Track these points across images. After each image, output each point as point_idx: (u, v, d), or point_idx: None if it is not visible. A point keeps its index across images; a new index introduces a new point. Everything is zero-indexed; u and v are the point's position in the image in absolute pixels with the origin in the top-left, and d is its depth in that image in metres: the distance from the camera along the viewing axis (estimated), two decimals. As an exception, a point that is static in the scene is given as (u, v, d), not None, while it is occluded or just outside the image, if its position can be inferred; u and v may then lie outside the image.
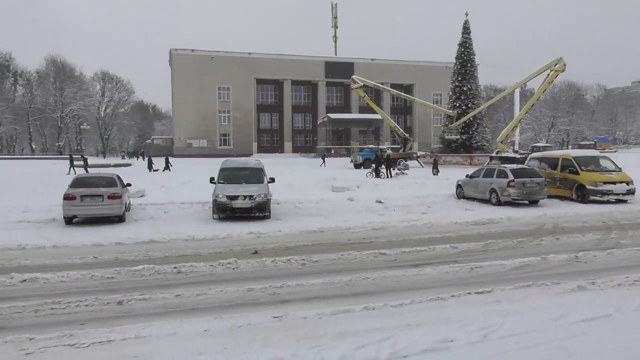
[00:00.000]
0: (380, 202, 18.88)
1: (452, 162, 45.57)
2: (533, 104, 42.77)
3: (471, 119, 49.79)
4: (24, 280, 8.22)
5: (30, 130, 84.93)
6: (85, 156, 39.67)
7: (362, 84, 46.53)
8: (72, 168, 35.13)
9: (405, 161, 37.88)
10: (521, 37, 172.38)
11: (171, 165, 39.03)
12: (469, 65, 51.60)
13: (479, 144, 50.70)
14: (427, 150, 62.25)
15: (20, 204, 16.91)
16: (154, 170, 36.34)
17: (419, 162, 44.77)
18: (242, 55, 76.90)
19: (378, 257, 10.17)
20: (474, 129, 50.76)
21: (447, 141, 51.45)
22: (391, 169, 30.53)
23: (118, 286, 8.01)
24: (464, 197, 20.53)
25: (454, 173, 30.85)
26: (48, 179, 28.85)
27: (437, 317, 6.32)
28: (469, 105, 50.52)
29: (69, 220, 14.71)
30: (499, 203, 18.59)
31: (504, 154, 39.19)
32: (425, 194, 20.95)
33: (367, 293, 7.55)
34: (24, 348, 5.42)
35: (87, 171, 34.18)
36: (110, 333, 5.83)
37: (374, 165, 31.16)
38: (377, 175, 29.85)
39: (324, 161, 47.34)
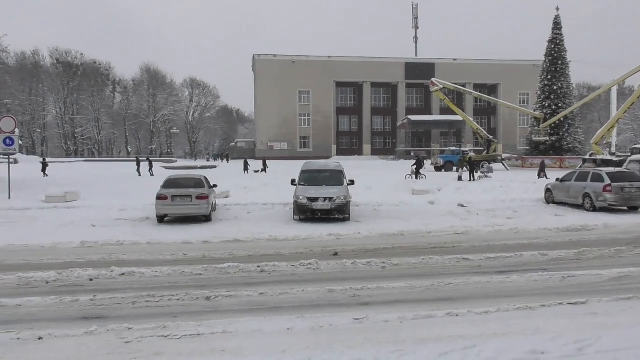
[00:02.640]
0: (462, 205, 18.34)
1: (540, 165, 43.24)
2: (633, 103, 39.61)
3: (562, 119, 47.09)
4: (123, 274, 8.84)
5: (127, 134, 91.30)
6: (150, 159, 41.86)
7: (441, 86, 45.44)
8: (139, 170, 37.25)
9: (489, 164, 36.49)
10: (620, 31, 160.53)
11: (268, 167, 40.18)
12: (559, 62, 48.88)
13: (570, 145, 47.84)
14: (513, 153, 59.54)
15: (118, 203, 18.22)
16: (255, 172, 37.64)
17: (504, 164, 42.95)
18: (322, 58, 77.86)
19: (461, 262, 9.88)
20: (564, 129, 47.99)
21: (534, 143, 49.02)
22: (474, 172, 29.54)
23: (206, 282, 8.39)
24: (554, 202, 19.42)
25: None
26: (140, 180, 30.82)
27: (526, 327, 6.03)
28: (560, 105, 47.82)
29: (161, 219, 15.64)
30: (594, 209, 17.40)
31: (598, 157, 36.67)
32: (510, 198, 20.07)
33: (449, 299, 7.36)
34: (123, 337, 5.83)
35: (152, 173, 36.33)
36: (200, 327, 6.12)
37: (413, 168, 31.48)
38: (417, 175, 30.15)
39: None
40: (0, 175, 27.15)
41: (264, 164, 40.47)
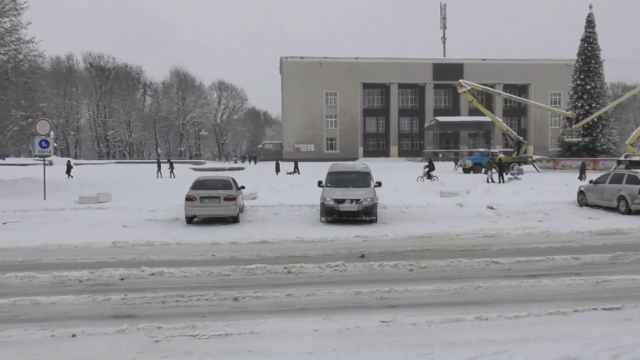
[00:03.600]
0: (491, 208, 18.06)
1: (573, 166, 42.22)
2: (670, 102, 38.34)
3: (595, 119, 45.89)
4: (153, 274, 9.00)
5: (157, 136, 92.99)
6: (171, 160, 42.40)
7: (469, 88, 44.82)
8: (159, 172, 37.79)
9: (519, 165, 35.81)
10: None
11: (298, 169, 40.26)
12: (593, 61, 47.69)
13: (604, 147, 46.58)
14: (544, 154, 58.32)
15: (148, 204, 18.57)
16: (288, 173, 37.90)
17: (534, 166, 42.12)
18: (349, 60, 77.77)
19: (490, 265, 9.72)
20: (598, 130, 46.77)
21: (566, 144, 47.91)
22: (504, 173, 29.04)
23: (233, 283, 8.47)
24: (587, 205, 18.94)
25: (575, 178, 28.64)
26: (169, 181, 31.35)
27: (558, 333, 5.89)
28: (593, 105, 46.64)
29: (190, 220, 15.86)
30: (629, 212, 16.90)
31: (634, 158, 35.60)
32: (541, 200, 19.66)
33: (479, 303, 7.25)
34: (153, 335, 5.93)
35: (172, 174, 36.79)
36: (228, 327, 6.17)
37: (425, 170, 31.19)
38: (429, 177, 29.98)
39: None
40: (36, 176, 27.98)
41: (296, 166, 40.55)
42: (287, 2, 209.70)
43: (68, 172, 35.49)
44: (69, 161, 39.18)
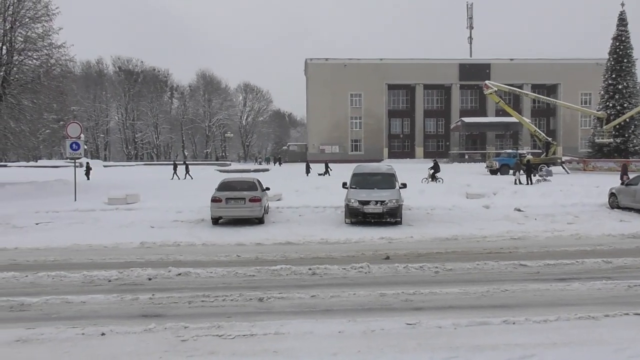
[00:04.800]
0: (519, 210, 17.74)
1: (604, 168, 41.19)
2: None
3: (627, 120, 44.68)
4: (179, 274, 9.13)
5: (183, 138, 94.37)
6: (187, 162, 42.82)
7: (495, 89, 44.13)
8: (175, 174, 38.24)
9: (548, 167, 35.10)
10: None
11: (330, 170, 40.22)
12: (625, 60, 46.46)
13: (636, 148, 45.34)
14: (574, 155, 57.04)
15: (175, 206, 18.83)
16: (318, 174, 38.00)
17: (564, 168, 41.23)
18: (373, 61, 77.57)
19: (518, 268, 9.55)
20: (630, 131, 45.54)
21: (597, 145, 46.76)
22: (532, 175, 28.52)
23: (258, 284, 8.52)
24: (619, 207, 18.42)
25: (606, 180, 27.90)
26: (196, 182, 31.74)
27: (588, 338, 5.76)
28: (625, 105, 45.43)
29: (216, 221, 16.03)
30: (663, 214, 16.39)
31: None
32: (571, 202, 19.20)
33: (506, 306, 7.13)
34: (180, 335, 6.02)
35: (189, 176, 37.10)
36: (253, 327, 6.22)
37: (430, 172, 30.77)
38: (434, 179, 29.54)
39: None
40: (67, 178, 28.70)
41: (327, 167, 40.53)
42: (312, 4, 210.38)
43: (87, 174, 36.24)
44: (87, 163, 39.95)
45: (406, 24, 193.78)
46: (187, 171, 38.59)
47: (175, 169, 39.07)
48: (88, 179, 34.65)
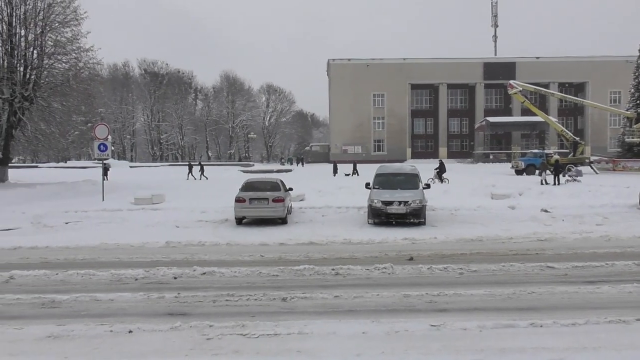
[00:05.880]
0: (546, 211, 17.44)
1: (634, 168, 40.15)
2: None
3: (659, 118, 43.48)
4: (204, 273, 9.23)
5: (207, 139, 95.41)
6: (202, 163, 43.03)
7: (520, 89, 43.37)
8: (190, 174, 38.54)
9: (577, 167, 34.38)
10: None
11: (357, 171, 40.07)
12: (656, 57, 45.18)
13: (668, 146, 44.04)
14: (603, 155, 55.71)
15: (199, 206, 19.07)
16: (345, 175, 38.02)
17: (592, 168, 40.32)
18: (396, 61, 77.10)
19: (545, 270, 9.38)
20: (662, 130, 44.25)
21: (627, 145, 45.57)
22: (559, 175, 27.96)
23: (282, 284, 8.56)
24: (650, 208, 17.94)
25: (637, 180, 27.23)
26: (220, 183, 32.05)
27: (619, 342, 5.62)
28: (656, 103, 44.18)
29: (239, 221, 16.17)
30: (697, 216, 15.90)
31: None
32: (600, 203, 18.77)
33: (532, 308, 7.01)
34: (205, 333, 6.09)
35: (204, 177, 37.36)
36: (276, 327, 6.25)
37: (436, 172, 30.74)
38: (440, 179, 29.40)
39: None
40: (95, 178, 29.29)
41: (355, 167, 40.41)
42: (335, 4, 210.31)
43: (105, 174, 36.87)
44: (105, 164, 40.58)
45: (430, 23, 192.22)
46: (202, 172, 38.88)
47: (190, 169, 39.49)
48: (105, 178, 35.19)
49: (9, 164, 31.51)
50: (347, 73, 76.65)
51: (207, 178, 37.57)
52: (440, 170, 30.99)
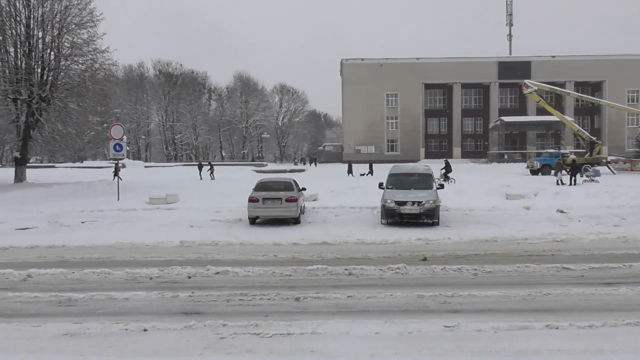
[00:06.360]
0: (562, 211, 17.23)
1: (652, 168, 39.47)
2: None
3: (678, 117, 42.71)
4: (218, 273, 9.28)
5: (221, 139, 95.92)
6: (212, 163, 43.14)
7: (535, 88, 42.87)
8: (200, 174, 38.68)
9: (594, 166, 33.91)
10: None
11: (372, 171, 39.93)
12: (675, 55, 44.37)
13: (687, 146, 43.26)
14: (620, 155, 54.89)
15: (213, 205, 19.17)
16: (360, 175, 38.00)
17: (609, 168, 39.73)
18: (410, 60, 76.74)
19: (561, 271, 9.27)
20: (681, 129, 43.49)
21: (645, 144, 44.85)
22: (576, 175, 27.59)
23: (295, 283, 8.57)
24: (669, 209, 17.62)
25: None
26: (233, 183, 32.18)
27: (638, 345, 5.54)
28: (675, 102, 43.40)
29: (253, 221, 16.22)
30: None
31: None
32: (617, 203, 18.48)
33: (548, 310, 6.93)
34: (218, 332, 6.13)
35: (211, 176, 37.46)
36: (290, 327, 6.27)
37: (442, 172, 30.21)
38: (446, 179, 28.99)
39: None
40: (111, 178, 29.60)
41: (370, 167, 40.31)
42: (348, 4, 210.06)
43: (116, 174, 37.17)
44: (116, 164, 40.90)
45: (444, 23, 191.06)
46: (211, 171, 39.02)
47: (200, 169, 39.64)
48: (119, 178, 35.37)
49: (27, 164, 31.99)
50: (361, 73, 76.46)
51: (212, 178, 37.69)
52: (446, 169, 30.76)
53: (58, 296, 7.80)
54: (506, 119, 67.27)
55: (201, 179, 37.49)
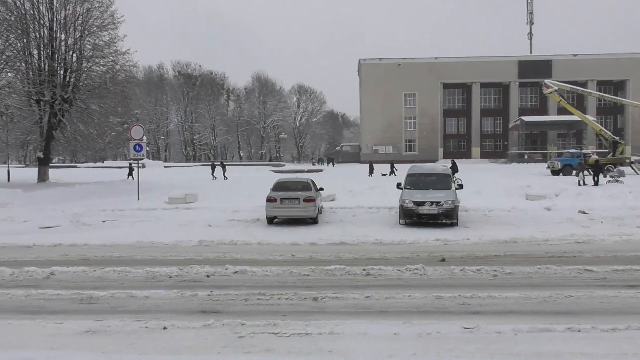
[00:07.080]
0: (584, 212, 16.95)
1: (678, 168, 38.55)
2: None
3: None
4: (236, 272, 9.33)
5: (239, 140, 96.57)
6: (224, 163, 43.37)
7: (556, 88, 42.20)
8: (213, 174, 38.88)
9: (618, 167, 33.26)
10: None
11: (396, 170, 39.74)
12: (701, 53, 43.31)
13: None
14: (644, 155, 53.72)
15: (231, 205, 19.31)
16: (382, 175, 37.98)
17: (633, 168, 38.95)
18: (428, 60, 76.30)
19: (583, 274, 9.11)
20: None
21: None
22: (599, 176, 27.09)
23: (313, 283, 8.58)
24: (696, 210, 17.21)
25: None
26: (251, 183, 32.36)
27: (663, 349, 5.41)
28: (701, 101, 42.34)
29: (271, 221, 16.29)
30: None
31: None
32: (642, 205, 18.12)
33: (570, 313, 6.82)
34: (237, 332, 6.16)
35: (216, 177, 37.67)
36: (308, 327, 6.27)
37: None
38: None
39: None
40: (131, 178, 29.97)
41: (392, 167, 40.14)
42: (366, 4, 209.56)
43: (130, 174, 37.65)
44: (130, 164, 41.35)
45: (462, 21, 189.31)
46: (224, 171, 39.22)
47: (213, 169, 39.88)
48: (133, 178, 35.67)
49: (50, 165, 32.61)
50: (379, 73, 76.29)
51: (215, 178, 37.93)
52: (453, 170, 30.40)
53: (80, 294, 7.94)
54: (526, 118, 66.44)
55: (215, 179, 37.80)
